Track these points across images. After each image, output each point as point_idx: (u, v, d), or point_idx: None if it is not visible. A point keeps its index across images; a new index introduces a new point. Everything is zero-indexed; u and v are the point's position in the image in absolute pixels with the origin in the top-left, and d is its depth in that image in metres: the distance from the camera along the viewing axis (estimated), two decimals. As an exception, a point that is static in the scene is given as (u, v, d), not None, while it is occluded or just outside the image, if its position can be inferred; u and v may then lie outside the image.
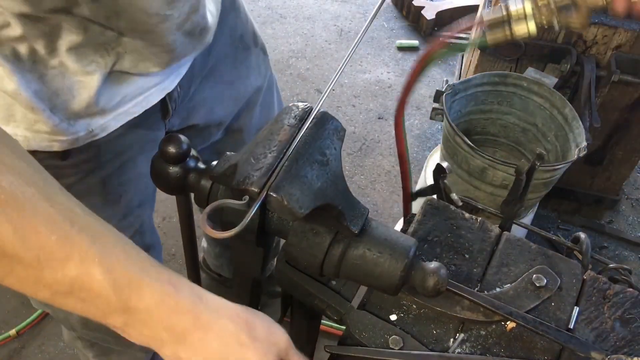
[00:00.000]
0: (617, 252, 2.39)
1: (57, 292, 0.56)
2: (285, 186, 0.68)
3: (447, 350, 0.83)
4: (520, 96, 1.83)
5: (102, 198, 1.07)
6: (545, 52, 1.84)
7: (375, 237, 0.77)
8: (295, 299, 0.95)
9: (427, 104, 2.88)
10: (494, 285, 0.91)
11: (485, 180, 1.69)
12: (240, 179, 0.69)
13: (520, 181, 0.96)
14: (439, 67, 3.09)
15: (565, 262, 0.94)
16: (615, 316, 0.88)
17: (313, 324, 1.02)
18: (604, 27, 1.79)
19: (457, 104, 1.80)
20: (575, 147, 1.67)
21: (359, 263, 0.77)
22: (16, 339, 2.01)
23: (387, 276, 0.76)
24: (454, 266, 0.93)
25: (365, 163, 2.64)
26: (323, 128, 0.76)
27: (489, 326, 0.86)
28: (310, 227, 0.77)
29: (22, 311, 2.08)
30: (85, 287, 0.56)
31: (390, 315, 0.86)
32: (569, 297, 0.90)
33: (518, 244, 0.96)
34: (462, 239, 0.96)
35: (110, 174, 1.06)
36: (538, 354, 0.84)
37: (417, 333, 0.85)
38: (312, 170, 0.72)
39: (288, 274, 0.85)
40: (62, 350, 2.01)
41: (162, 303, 0.60)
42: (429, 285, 0.77)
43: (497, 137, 1.97)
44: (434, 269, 0.78)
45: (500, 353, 0.83)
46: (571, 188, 2.34)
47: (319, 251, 0.77)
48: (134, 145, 1.08)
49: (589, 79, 1.80)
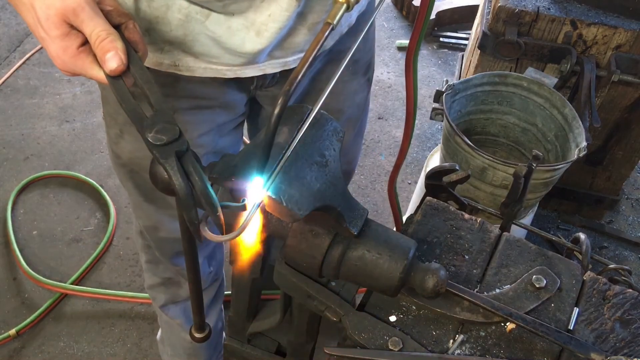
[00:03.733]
0: (617, 252, 2.39)
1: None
2: (284, 188, 0.68)
3: (446, 351, 0.83)
4: (520, 96, 1.83)
5: None
6: (545, 52, 1.84)
7: (375, 239, 0.77)
8: (295, 300, 0.95)
9: (427, 104, 2.88)
10: (494, 286, 0.90)
11: (485, 180, 1.68)
12: (239, 182, 0.68)
13: (518, 184, 0.96)
14: (439, 67, 3.09)
15: (565, 263, 0.94)
16: (615, 317, 0.88)
17: (313, 324, 1.02)
18: (604, 27, 1.79)
19: (457, 104, 1.80)
20: (575, 147, 1.67)
21: (358, 264, 0.77)
22: (16, 339, 2.01)
23: (386, 277, 0.76)
24: (454, 267, 0.92)
25: (365, 163, 2.64)
26: (322, 129, 0.76)
27: (489, 327, 0.86)
28: (310, 229, 0.77)
29: (22, 311, 2.08)
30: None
31: (389, 316, 0.86)
32: (568, 298, 0.90)
33: (518, 245, 0.96)
34: (461, 239, 0.96)
35: (182, 108, 1.12)
36: (538, 355, 0.84)
37: (416, 334, 0.85)
38: (311, 171, 0.72)
39: (287, 275, 0.85)
40: (62, 350, 2.01)
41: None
42: (429, 286, 0.77)
43: (497, 137, 1.96)
44: (433, 270, 0.78)
45: (499, 354, 0.83)
46: (571, 188, 2.34)
47: (318, 252, 0.77)
48: (213, 98, 1.13)
49: (589, 79, 1.79)
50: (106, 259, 2.26)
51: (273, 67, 1.06)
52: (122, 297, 2.11)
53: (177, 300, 1.63)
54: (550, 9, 1.82)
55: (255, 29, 0.96)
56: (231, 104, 1.18)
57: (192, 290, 0.86)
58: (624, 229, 2.46)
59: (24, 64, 2.92)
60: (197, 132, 1.17)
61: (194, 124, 1.16)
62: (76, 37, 0.75)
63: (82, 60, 0.75)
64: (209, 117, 1.17)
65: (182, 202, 0.64)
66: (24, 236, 2.30)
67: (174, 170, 0.63)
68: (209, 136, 1.20)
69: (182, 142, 0.65)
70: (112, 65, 0.72)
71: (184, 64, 1.01)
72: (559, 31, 1.82)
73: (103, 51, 0.72)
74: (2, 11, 3.18)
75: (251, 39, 0.97)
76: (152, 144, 0.64)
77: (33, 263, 2.20)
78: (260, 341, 1.14)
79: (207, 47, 0.99)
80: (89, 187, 2.45)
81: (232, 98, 1.17)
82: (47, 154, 2.57)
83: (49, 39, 0.75)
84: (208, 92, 1.12)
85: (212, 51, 0.99)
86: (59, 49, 0.75)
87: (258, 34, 0.96)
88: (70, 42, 0.75)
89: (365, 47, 1.29)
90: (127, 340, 2.05)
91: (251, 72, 1.05)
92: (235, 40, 0.97)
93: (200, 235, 0.67)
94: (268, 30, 0.96)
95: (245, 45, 0.98)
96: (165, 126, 0.66)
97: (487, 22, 1.89)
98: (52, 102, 2.78)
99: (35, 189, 2.45)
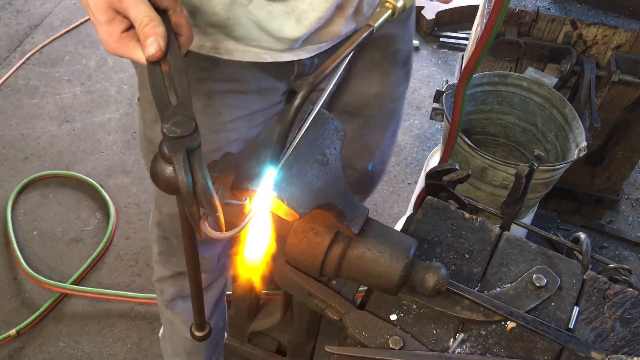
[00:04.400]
0: (617, 252, 2.39)
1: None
2: (285, 186, 0.68)
3: (447, 350, 0.83)
4: (520, 96, 1.83)
5: (202, 105, 1.16)
6: (545, 52, 1.84)
7: (376, 237, 0.77)
8: (296, 299, 0.95)
9: (427, 104, 2.88)
10: (494, 285, 0.91)
11: (485, 180, 1.69)
12: (241, 180, 0.69)
13: (520, 184, 0.96)
14: (439, 67, 3.09)
15: (565, 262, 0.94)
16: (615, 316, 0.88)
17: (313, 323, 1.02)
18: (604, 27, 1.79)
19: (457, 104, 1.80)
20: (575, 147, 1.67)
21: (359, 263, 0.77)
22: (16, 339, 2.01)
23: (387, 276, 0.76)
24: (454, 266, 0.93)
25: (365, 163, 2.64)
26: (323, 128, 0.76)
27: (489, 326, 0.86)
28: (311, 227, 0.77)
29: (22, 311, 2.08)
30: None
31: (390, 315, 0.86)
32: (569, 297, 0.90)
33: (518, 244, 0.96)
34: (462, 238, 0.96)
35: (218, 91, 1.15)
36: (538, 354, 0.84)
37: (417, 333, 0.85)
38: (312, 170, 0.72)
39: (288, 274, 0.85)
40: (62, 350, 2.01)
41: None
42: (429, 285, 0.77)
43: (497, 137, 1.97)
44: (434, 269, 0.78)
45: (500, 353, 0.83)
46: (571, 188, 2.34)
47: (319, 251, 0.77)
48: (250, 83, 1.15)
49: (589, 79, 1.80)
50: (106, 259, 2.26)
51: (308, 52, 1.09)
52: (122, 297, 2.11)
53: (185, 295, 1.63)
54: (550, 9, 1.82)
55: (295, 16, 0.98)
56: (267, 91, 1.20)
57: (192, 289, 0.86)
58: (624, 229, 2.46)
59: (24, 64, 2.92)
60: (230, 116, 1.19)
61: (228, 107, 1.18)
62: (120, 22, 0.78)
63: (124, 44, 0.79)
64: (244, 102, 1.19)
65: (184, 197, 0.64)
66: (24, 236, 2.30)
67: (179, 165, 0.63)
68: (242, 122, 1.22)
69: (195, 137, 0.66)
70: (150, 51, 0.74)
71: (224, 46, 1.04)
72: (559, 31, 1.82)
73: (145, 36, 0.74)
74: (2, 11, 3.18)
75: (290, 25, 0.99)
76: (165, 135, 0.65)
77: (33, 263, 2.20)
78: (260, 340, 1.15)
79: (248, 30, 1.01)
80: (89, 187, 2.45)
81: (269, 85, 1.19)
82: (47, 154, 2.57)
83: (97, 22, 0.79)
84: (245, 76, 1.14)
85: (252, 34, 1.02)
86: (105, 33, 0.79)
87: (298, 21, 0.99)
88: (114, 27, 0.78)
89: (405, 36, 1.27)
90: (127, 340, 2.05)
91: (287, 56, 1.07)
92: (274, 25, 1.00)
93: (201, 231, 0.67)
94: (308, 18, 0.98)
95: (284, 30, 1.00)
96: (183, 119, 0.66)
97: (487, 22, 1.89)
98: (52, 102, 2.78)
99: (35, 189, 2.45)
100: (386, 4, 0.72)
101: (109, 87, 2.88)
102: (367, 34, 0.70)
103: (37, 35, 3.06)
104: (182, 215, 0.72)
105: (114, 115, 2.75)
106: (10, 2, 3.23)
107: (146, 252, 2.27)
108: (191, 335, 0.94)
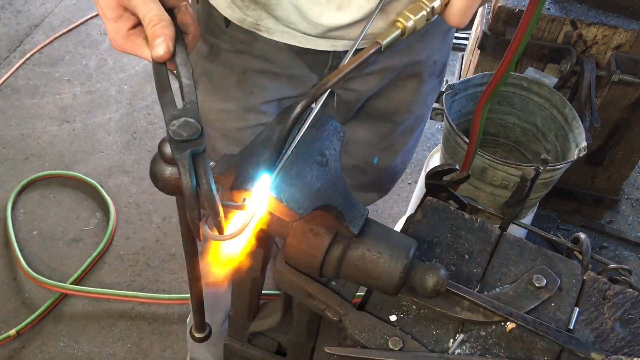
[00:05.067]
0: (617, 252, 2.39)
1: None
2: (285, 187, 0.68)
3: (446, 351, 0.83)
4: (520, 96, 1.83)
5: (237, 79, 1.19)
6: (545, 52, 1.84)
7: (375, 238, 0.77)
8: (295, 300, 0.95)
9: (427, 104, 2.88)
10: (494, 285, 0.91)
11: (485, 180, 1.68)
12: (240, 181, 0.69)
13: (524, 186, 0.96)
14: (439, 67, 3.09)
15: (565, 263, 0.94)
16: (615, 317, 0.88)
17: (313, 324, 1.02)
18: (604, 27, 1.79)
19: (457, 104, 1.80)
20: (575, 147, 1.67)
21: (358, 264, 0.77)
22: (16, 339, 2.01)
23: (386, 277, 0.76)
24: (454, 267, 0.92)
25: (365, 163, 2.64)
26: (322, 129, 0.76)
27: (489, 327, 0.86)
28: (310, 228, 0.77)
29: (22, 311, 2.08)
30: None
31: (390, 315, 0.86)
32: (568, 297, 0.90)
33: (518, 245, 0.96)
34: (461, 239, 0.96)
35: (254, 69, 1.17)
36: (538, 355, 0.84)
37: (417, 334, 0.85)
38: (312, 171, 0.72)
39: (288, 274, 0.85)
40: (62, 350, 2.01)
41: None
42: (429, 285, 0.77)
43: (497, 137, 1.96)
44: (433, 270, 0.78)
45: (500, 354, 0.83)
46: (571, 188, 2.34)
47: (318, 252, 0.77)
48: (284, 67, 1.17)
49: (589, 79, 1.79)
50: (106, 259, 2.26)
51: (344, 46, 1.09)
52: (122, 297, 2.11)
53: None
54: (550, 9, 1.82)
55: (337, 3, 0.98)
56: (299, 78, 1.20)
57: (192, 290, 0.86)
58: (624, 229, 2.46)
59: (24, 64, 2.92)
60: (262, 98, 1.22)
61: (261, 88, 1.20)
62: (128, 19, 0.78)
63: (131, 42, 0.79)
64: (277, 85, 1.20)
65: (187, 201, 0.64)
66: (24, 236, 2.30)
67: (184, 168, 0.63)
68: (272, 106, 1.23)
69: (201, 142, 0.65)
70: (159, 52, 0.74)
71: (265, 24, 1.06)
72: (559, 31, 1.82)
73: (154, 36, 0.74)
74: (2, 11, 3.18)
75: (331, 12, 0.99)
76: (170, 138, 0.65)
77: (33, 263, 2.20)
78: (260, 341, 1.15)
79: (288, 12, 1.01)
80: (89, 187, 2.45)
81: (302, 73, 1.19)
82: (47, 154, 2.57)
83: (105, 19, 0.79)
84: (280, 59, 1.15)
85: (292, 17, 1.02)
86: (112, 30, 0.79)
87: (339, 8, 0.99)
88: (122, 24, 0.78)
89: (443, 47, 1.29)
90: (127, 340, 2.05)
91: (324, 45, 1.07)
92: (314, 10, 1.00)
93: (200, 234, 0.67)
94: (350, 6, 0.98)
95: (323, 16, 1.00)
96: (189, 122, 0.66)
97: (487, 22, 1.89)
98: (52, 102, 2.78)
99: (35, 189, 2.45)
100: (397, 24, 0.72)
101: (109, 87, 2.88)
102: (374, 51, 0.70)
103: (37, 35, 3.06)
104: (181, 217, 0.72)
105: (114, 115, 2.75)
106: (10, 2, 3.23)
107: (146, 252, 2.27)
108: (191, 337, 0.94)
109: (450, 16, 0.76)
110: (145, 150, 2.62)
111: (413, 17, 0.71)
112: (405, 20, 0.71)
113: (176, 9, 0.80)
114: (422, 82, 1.29)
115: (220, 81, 1.21)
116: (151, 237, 2.32)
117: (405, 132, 1.40)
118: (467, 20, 0.77)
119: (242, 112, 1.23)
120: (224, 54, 1.17)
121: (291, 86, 1.22)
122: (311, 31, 1.04)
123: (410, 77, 1.27)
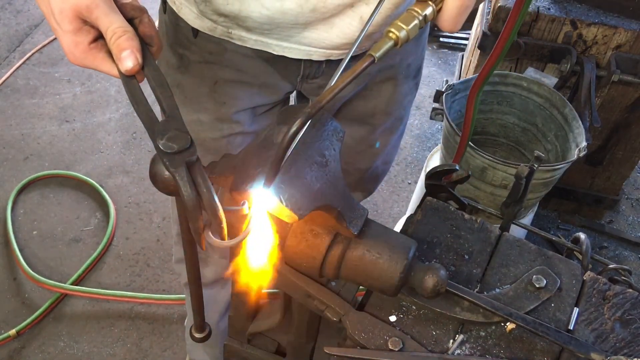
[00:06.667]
0: (617, 252, 2.39)
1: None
2: (285, 188, 0.68)
3: (446, 351, 0.83)
4: (520, 96, 1.83)
5: (208, 90, 1.18)
6: (545, 52, 1.84)
7: (375, 238, 0.77)
8: (295, 300, 0.95)
9: (427, 104, 2.88)
10: (494, 286, 0.90)
11: (485, 180, 1.68)
12: (239, 182, 0.68)
13: (520, 185, 0.96)
14: (439, 67, 3.09)
15: (565, 263, 0.94)
16: (615, 317, 0.88)
17: (313, 324, 1.02)
18: (604, 27, 1.79)
19: (457, 104, 1.80)
20: (575, 147, 1.67)
21: (358, 264, 0.77)
22: (16, 339, 2.01)
23: (386, 277, 0.76)
24: (454, 267, 0.92)
25: (365, 163, 2.64)
26: (322, 129, 0.76)
27: (489, 327, 0.86)
28: (310, 229, 0.77)
29: (22, 311, 2.08)
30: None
31: (389, 316, 0.86)
32: (568, 298, 0.90)
33: (518, 245, 0.96)
34: (461, 239, 0.96)
35: (225, 79, 1.16)
36: (538, 355, 0.84)
37: (416, 334, 0.85)
38: (311, 171, 0.72)
39: (287, 275, 0.85)
40: (62, 351, 2.01)
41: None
42: (429, 286, 0.77)
43: (497, 137, 1.96)
44: (433, 270, 0.78)
45: (499, 354, 0.83)
46: (571, 188, 2.34)
47: (318, 252, 0.77)
48: (255, 76, 1.16)
49: (589, 79, 1.79)
50: (106, 259, 2.26)
51: (318, 55, 1.08)
52: (122, 297, 2.11)
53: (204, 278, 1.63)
54: (550, 9, 1.82)
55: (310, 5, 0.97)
56: (271, 87, 1.20)
57: (192, 290, 0.86)
58: (624, 229, 2.46)
59: (24, 64, 2.92)
60: (235, 107, 1.20)
61: (233, 98, 1.19)
62: (88, 32, 0.75)
63: (93, 55, 0.76)
64: (248, 94, 1.19)
65: (190, 212, 0.63)
66: (24, 236, 2.30)
67: (183, 180, 0.62)
68: (245, 115, 1.23)
69: (193, 151, 0.64)
70: (127, 65, 0.71)
71: (237, 34, 1.05)
72: (559, 31, 1.82)
73: (119, 49, 0.72)
74: (2, 11, 3.18)
75: (304, 13, 0.97)
76: (162, 152, 0.64)
77: (33, 263, 2.20)
78: (260, 341, 1.15)
79: (259, 22, 1.00)
80: (89, 187, 2.45)
81: (274, 81, 1.18)
82: (47, 154, 2.57)
83: (61, 31, 0.75)
84: (251, 68, 1.14)
85: (264, 26, 1.01)
86: (71, 43, 0.75)
87: (314, 10, 0.97)
88: (82, 37, 0.75)
89: (417, 52, 1.30)
90: (127, 340, 2.05)
91: (297, 52, 1.07)
92: (287, 18, 0.98)
93: (203, 244, 0.67)
94: (326, 6, 0.96)
95: (298, 19, 0.99)
96: (177, 134, 0.65)
97: (487, 22, 1.89)
98: (52, 102, 2.78)
99: (35, 189, 2.45)
100: (389, 34, 0.71)
101: (109, 87, 2.88)
102: (367, 64, 0.69)
103: (37, 35, 3.06)
104: (181, 219, 0.72)
105: (114, 115, 2.75)
106: (10, 2, 3.23)
107: (146, 252, 2.27)
108: (190, 337, 0.94)
109: (443, 22, 0.75)
110: (145, 150, 2.62)
111: (405, 27, 0.71)
112: (397, 31, 0.71)
113: (137, 19, 0.77)
114: (397, 85, 1.30)
115: (192, 92, 1.20)
116: (151, 237, 2.32)
117: (384, 133, 1.40)
118: (461, 24, 0.76)
119: (215, 123, 1.22)
120: (194, 65, 1.16)
121: (263, 94, 1.21)
122: (283, 40, 1.04)
123: (385, 81, 1.27)
